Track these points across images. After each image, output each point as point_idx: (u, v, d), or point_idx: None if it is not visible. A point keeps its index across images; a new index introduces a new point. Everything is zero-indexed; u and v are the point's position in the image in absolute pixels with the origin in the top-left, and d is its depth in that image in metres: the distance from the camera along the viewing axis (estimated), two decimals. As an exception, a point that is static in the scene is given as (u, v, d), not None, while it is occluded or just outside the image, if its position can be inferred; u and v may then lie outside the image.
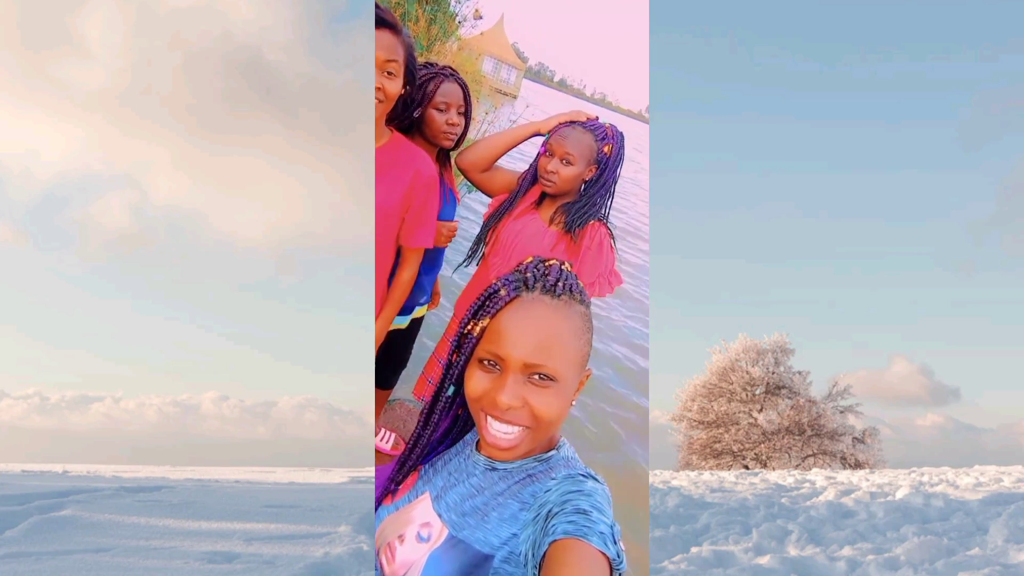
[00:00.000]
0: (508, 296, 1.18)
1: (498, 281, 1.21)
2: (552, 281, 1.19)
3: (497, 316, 1.18)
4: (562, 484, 1.16)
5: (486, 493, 1.22)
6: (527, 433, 1.18)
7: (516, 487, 1.21)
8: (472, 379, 1.20)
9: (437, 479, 1.30)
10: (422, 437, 1.32)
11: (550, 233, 2.49)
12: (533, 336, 1.15)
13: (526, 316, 1.16)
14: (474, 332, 1.19)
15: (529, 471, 1.22)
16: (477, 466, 1.27)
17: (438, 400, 1.30)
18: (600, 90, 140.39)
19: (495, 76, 44.57)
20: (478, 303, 1.21)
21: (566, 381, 1.17)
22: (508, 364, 1.15)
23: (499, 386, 1.16)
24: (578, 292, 1.21)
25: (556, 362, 1.15)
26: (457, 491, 1.25)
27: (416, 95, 2.51)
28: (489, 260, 2.59)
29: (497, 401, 1.15)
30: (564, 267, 1.23)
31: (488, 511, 1.19)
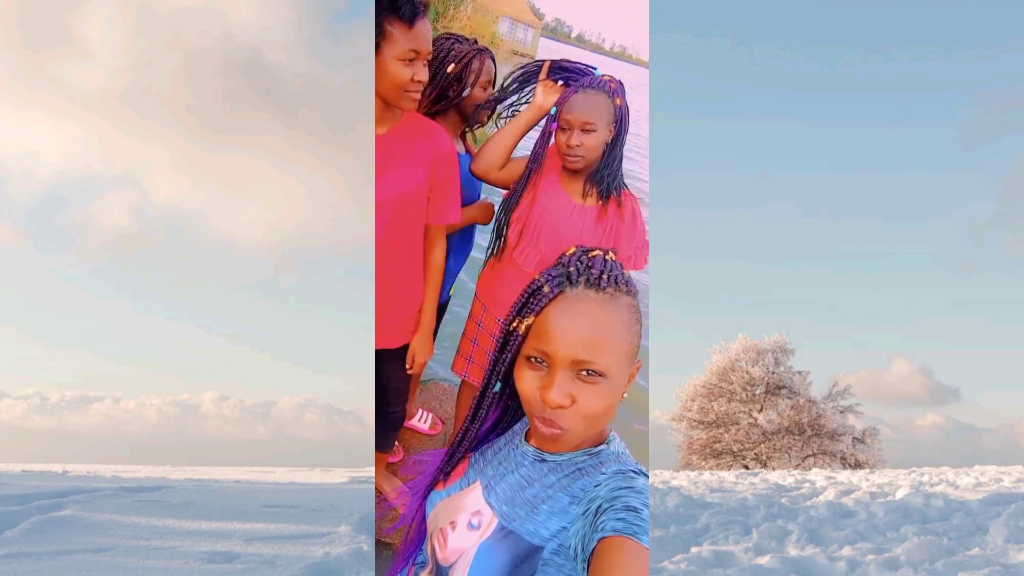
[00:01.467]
0: (552, 293, 1.16)
1: (541, 276, 1.19)
2: (596, 274, 1.16)
3: (542, 313, 1.16)
4: (612, 479, 1.15)
5: (536, 485, 1.22)
6: (577, 429, 1.17)
7: (566, 480, 1.20)
8: (522, 379, 1.18)
9: (488, 468, 1.30)
10: (470, 431, 1.32)
11: (579, 208, 2.37)
12: (580, 333, 1.13)
13: (572, 312, 1.14)
14: (519, 330, 1.18)
15: (579, 464, 1.22)
16: (526, 456, 1.27)
17: (484, 396, 1.29)
18: (619, 43, 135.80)
19: (511, 37, 43.63)
20: (522, 300, 1.19)
21: (615, 376, 1.16)
22: (556, 361, 1.14)
23: (548, 384, 1.15)
24: (624, 282, 1.19)
25: (605, 358, 1.14)
26: (507, 481, 1.25)
27: (465, 74, 2.46)
28: (514, 244, 2.48)
29: (547, 399, 1.14)
30: (608, 256, 1.21)
31: (538, 503, 1.19)
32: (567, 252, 1.23)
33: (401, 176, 2.23)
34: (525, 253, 2.44)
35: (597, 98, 2.29)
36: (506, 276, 2.52)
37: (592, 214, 2.38)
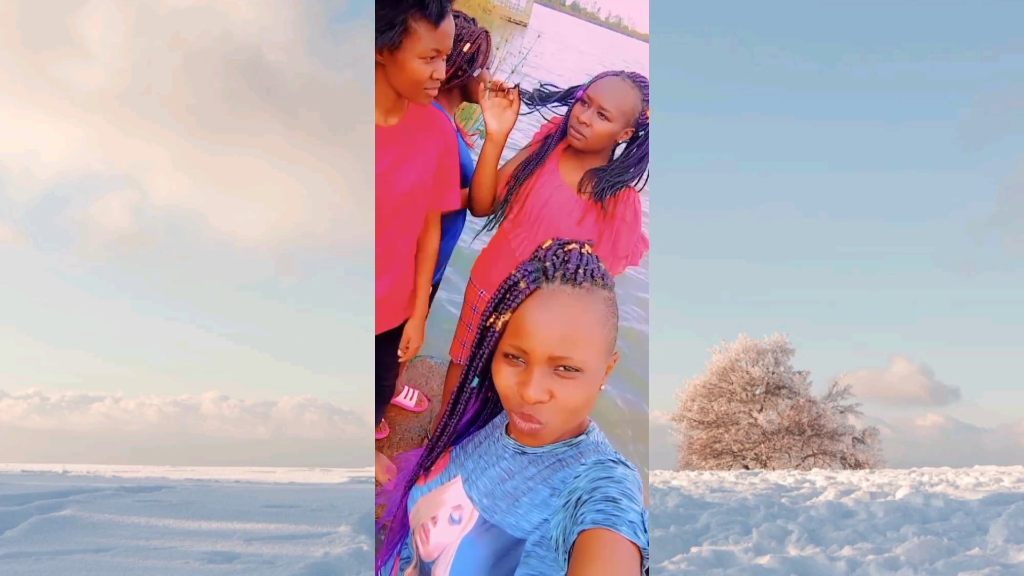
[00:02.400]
0: (528, 289, 1.16)
1: (517, 272, 1.19)
2: (572, 269, 1.16)
3: (519, 310, 1.16)
4: (592, 470, 1.16)
5: (517, 478, 1.22)
6: (555, 423, 1.18)
7: (546, 472, 1.21)
8: (500, 374, 1.19)
9: (468, 462, 1.31)
10: (448, 425, 1.32)
11: (576, 200, 2.32)
12: (556, 329, 1.13)
13: (548, 309, 1.14)
14: (496, 326, 1.18)
15: (559, 456, 1.22)
16: (507, 450, 1.27)
17: (463, 391, 1.29)
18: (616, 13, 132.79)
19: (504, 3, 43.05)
20: (498, 296, 1.19)
21: (592, 370, 1.16)
22: (533, 358, 1.14)
23: (526, 380, 1.15)
24: (600, 276, 1.18)
25: (581, 353, 1.14)
26: (488, 475, 1.25)
27: (477, 55, 2.49)
28: (510, 228, 2.44)
29: (524, 395, 1.15)
30: (584, 250, 1.20)
31: (519, 496, 1.20)
32: (543, 245, 1.22)
33: (412, 168, 2.22)
34: (520, 239, 2.41)
35: (631, 93, 2.22)
36: (501, 260, 2.49)
37: (583, 207, 2.33)
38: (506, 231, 2.47)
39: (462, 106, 2.79)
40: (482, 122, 2.38)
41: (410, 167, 2.22)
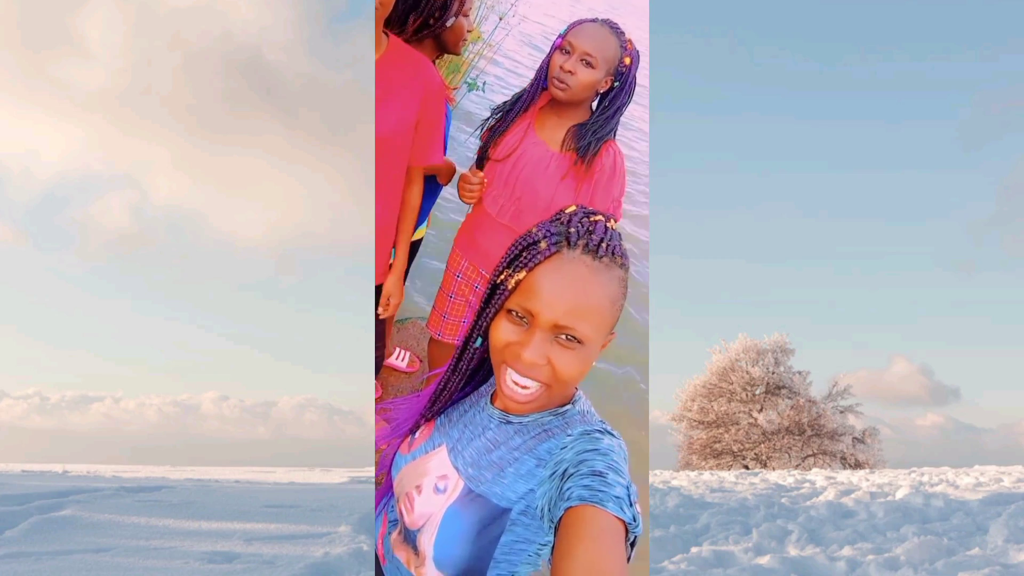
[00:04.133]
0: (548, 251, 1.13)
1: (538, 231, 1.16)
2: (596, 241, 1.14)
3: (534, 270, 1.13)
4: (578, 441, 1.15)
5: (502, 448, 1.21)
6: (544, 390, 1.16)
7: (532, 442, 1.20)
8: (498, 329, 1.17)
9: (453, 431, 1.29)
10: (450, 382, 1.30)
11: (557, 157, 2.24)
12: (569, 298, 1.11)
13: (565, 275, 1.12)
14: (508, 284, 1.15)
15: (544, 426, 1.21)
16: (492, 419, 1.26)
17: (466, 349, 1.28)
18: None
19: None
20: (514, 252, 1.16)
21: (592, 344, 1.15)
22: (538, 321, 1.13)
23: (525, 341, 1.13)
24: (620, 254, 1.17)
25: (587, 326, 1.12)
26: (473, 445, 1.24)
27: (451, 2, 2.31)
28: (488, 196, 2.34)
29: (521, 356, 1.13)
30: (610, 224, 1.18)
31: (504, 466, 1.19)
32: (566, 209, 1.19)
33: (389, 112, 2.11)
34: (499, 203, 2.32)
35: (610, 39, 2.17)
36: (486, 227, 2.40)
37: (567, 163, 2.24)
38: (487, 198, 2.37)
39: (446, 58, 2.61)
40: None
41: (386, 111, 2.09)
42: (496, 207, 2.32)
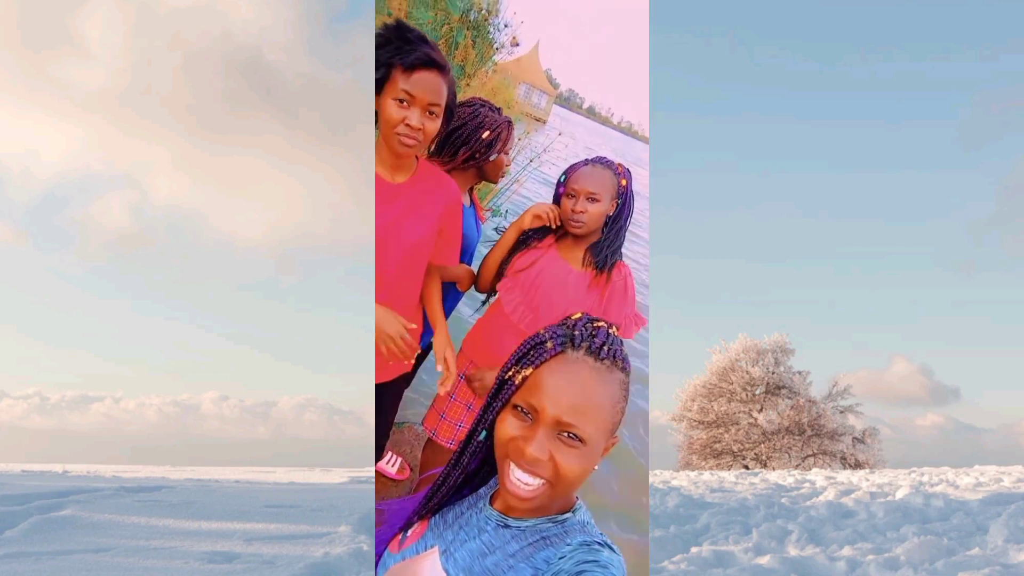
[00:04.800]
0: (553, 350, 1.18)
1: (545, 332, 1.21)
2: (599, 344, 1.19)
3: (540, 368, 1.18)
4: (577, 552, 1.14)
5: (498, 553, 1.20)
6: (547, 488, 1.17)
7: (529, 549, 1.19)
8: (504, 424, 1.19)
9: (447, 533, 1.28)
10: (450, 476, 1.31)
11: (576, 274, 2.48)
12: (571, 395, 1.15)
13: (568, 374, 1.16)
14: (515, 380, 1.19)
15: (543, 533, 1.20)
16: (489, 521, 1.25)
17: (469, 443, 1.29)
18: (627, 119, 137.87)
19: (527, 101, 44.50)
20: (522, 351, 1.21)
21: (594, 445, 1.17)
22: (541, 417, 1.15)
23: (529, 436, 1.16)
24: (621, 359, 1.22)
25: (588, 425, 1.15)
26: (467, 547, 1.23)
27: (496, 141, 2.70)
28: (508, 299, 2.54)
29: (525, 451, 1.15)
30: (612, 331, 1.24)
31: (499, 574, 1.17)
32: (573, 316, 1.25)
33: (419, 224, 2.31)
34: (520, 310, 2.51)
35: (605, 173, 2.46)
36: (496, 331, 2.58)
37: (587, 281, 2.48)
38: (501, 302, 2.57)
39: (480, 184, 2.96)
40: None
41: (417, 223, 2.29)
42: (517, 313, 2.52)
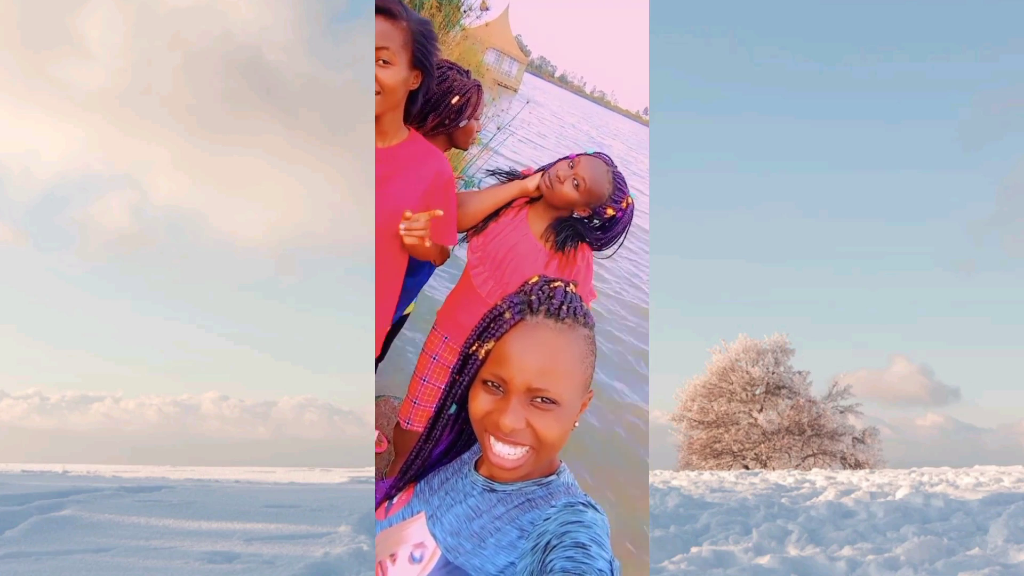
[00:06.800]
0: (513, 319, 1.18)
1: (503, 303, 1.21)
2: (556, 304, 1.19)
3: (502, 339, 1.18)
4: (562, 513, 1.15)
5: (484, 516, 1.21)
6: (531, 454, 1.18)
7: (515, 511, 1.20)
8: (476, 400, 1.20)
9: (433, 498, 1.29)
10: (423, 451, 1.32)
11: (542, 251, 2.44)
12: (537, 360, 1.16)
13: (530, 340, 1.17)
14: (479, 354, 1.20)
15: (528, 495, 1.22)
16: (475, 486, 1.26)
17: (439, 417, 1.30)
18: (600, 88, 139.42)
19: (497, 68, 44.00)
20: (482, 325, 1.21)
21: (568, 404, 1.18)
22: (512, 387, 1.16)
23: (502, 408, 1.16)
24: (582, 315, 1.22)
25: (559, 386, 1.16)
26: (454, 512, 1.24)
27: (466, 107, 2.63)
28: (476, 272, 2.51)
29: (500, 423, 1.16)
30: (569, 289, 1.23)
31: (486, 536, 1.18)
32: (529, 280, 1.25)
33: (395, 192, 2.24)
34: (484, 279, 2.48)
35: (606, 181, 2.40)
36: (467, 304, 2.54)
37: (551, 255, 2.44)
38: (470, 276, 2.53)
39: (450, 151, 2.89)
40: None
41: (405, 187, 2.24)
42: (482, 280, 2.49)
